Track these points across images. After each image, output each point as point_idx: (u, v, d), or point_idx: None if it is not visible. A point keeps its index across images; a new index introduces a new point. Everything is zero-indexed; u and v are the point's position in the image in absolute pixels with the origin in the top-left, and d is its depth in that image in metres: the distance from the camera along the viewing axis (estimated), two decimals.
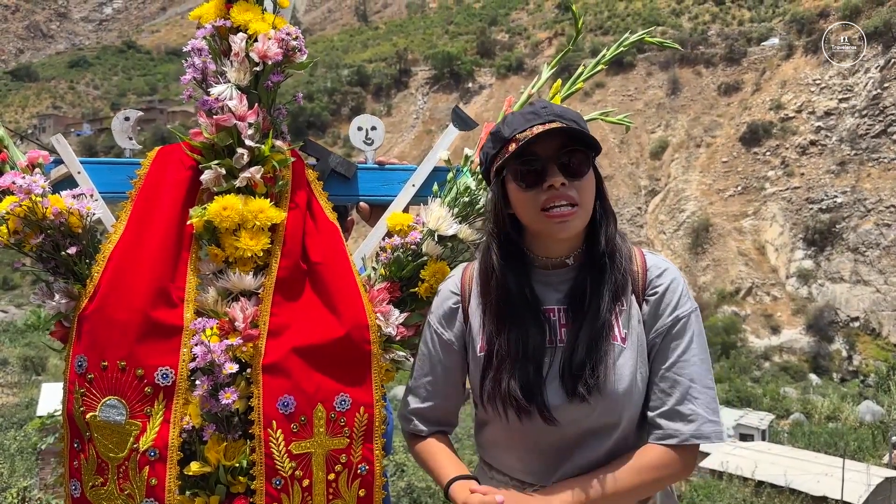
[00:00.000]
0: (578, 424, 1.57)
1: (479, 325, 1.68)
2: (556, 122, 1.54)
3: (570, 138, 1.54)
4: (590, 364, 1.53)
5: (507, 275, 1.62)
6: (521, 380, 1.56)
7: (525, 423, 1.57)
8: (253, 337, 1.74)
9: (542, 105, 1.60)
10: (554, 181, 1.53)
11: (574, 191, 1.55)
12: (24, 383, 21.91)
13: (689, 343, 1.59)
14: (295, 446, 1.73)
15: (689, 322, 1.60)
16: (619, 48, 2.08)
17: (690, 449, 1.58)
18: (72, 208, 1.76)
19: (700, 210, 68.06)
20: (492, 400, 1.60)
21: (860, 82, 69.05)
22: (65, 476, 1.79)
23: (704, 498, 9.71)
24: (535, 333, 1.59)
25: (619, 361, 1.57)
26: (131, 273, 1.74)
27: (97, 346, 1.72)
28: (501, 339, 1.60)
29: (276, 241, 1.80)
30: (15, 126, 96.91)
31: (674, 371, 1.58)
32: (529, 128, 1.54)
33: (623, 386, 1.55)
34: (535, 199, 1.56)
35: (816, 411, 29.88)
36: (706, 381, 1.58)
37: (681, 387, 1.57)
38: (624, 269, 1.61)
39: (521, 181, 1.57)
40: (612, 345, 1.57)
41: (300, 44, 1.83)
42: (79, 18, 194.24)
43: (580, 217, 1.57)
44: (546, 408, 1.55)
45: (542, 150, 1.55)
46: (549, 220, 1.55)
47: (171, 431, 1.70)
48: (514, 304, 1.61)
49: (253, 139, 1.79)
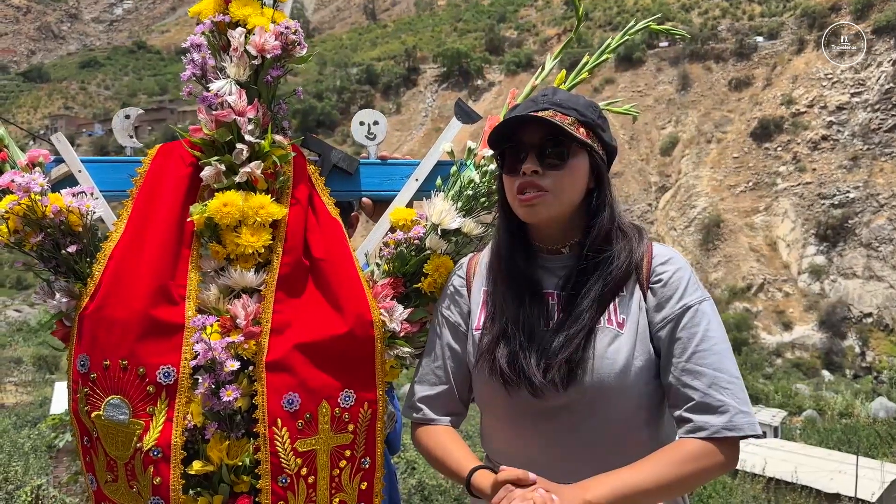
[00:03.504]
0: (566, 407, 1.55)
1: (478, 302, 1.71)
2: (549, 111, 1.56)
3: (555, 128, 1.55)
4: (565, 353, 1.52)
5: (510, 257, 1.66)
6: (510, 353, 1.57)
7: (513, 396, 1.57)
8: (254, 334, 1.73)
9: (545, 93, 1.63)
10: (526, 168, 1.57)
11: (549, 180, 1.57)
12: (37, 382, 22.11)
13: (705, 332, 1.53)
14: (300, 444, 1.71)
15: (700, 310, 1.55)
16: (624, 36, 2.06)
17: (729, 442, 1.49)
18: (71, 206, 1.75)
19: (711, 206, 67.83)
20: (482, 368, 1.62)
21: (872, 76, 68.59)
22: (82, 470, 1.80)
23: (715, 495, 9.65)
24: (530, 313, 1.60)
25: (612, 346, 1.54)
26: (132, 271, 1.73)
27: (99, 345, 1.71)
28: (499, 314, 1.63)
29: (278, 237, 1.78)
30: (27, 127, 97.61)
31: (693, 362, 1.51)
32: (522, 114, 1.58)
33: (615, 370, 1.52)
34: (513, 185, 1.60)
35: (829, 408, 29.70)
36: (732, 371, 1.51)
37: (705, 378, 1.49)
38: (624, 259, 1.59)
39: (503, 165, 1.64)
40: (606, 329, 1.55)
41: (299, 37, 1.81)
42: (90, 19, 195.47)
43: (548, 204, 1.58)
44: (530, 380, 1.54)
45: (527, 138, 1.59)
46: (519, 204, 1.60)
47: (174, 430, 1.69)
48: (516, 285, 1.64)
49: (253, 134, 1.77)
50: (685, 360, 1.52)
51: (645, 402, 1.58)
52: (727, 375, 1.50)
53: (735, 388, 1.50)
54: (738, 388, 1.50)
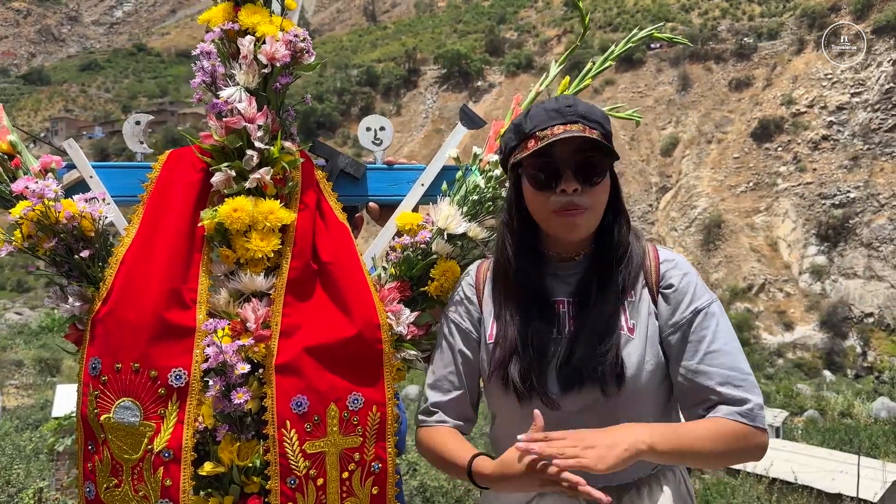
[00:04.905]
0: (581, 415, 1.55)
1: (489, 312, 1.70)
2: (579, 125, 1.52)
3: (590, 143, 1.53)
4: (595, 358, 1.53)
5: (520, 265, 1.64)
6: (523, 366, 1.57)
7: (525, 409, 1.57)
8: (265, 337, 1.75)
9: (566, 103, 1.56)
10: (567, 186, 1.53)
11: (586, 197, 1.54)
12: (39, 385, 22.09)
13: (715, 333, 1.55)
14: (309, 446, 1.73)
15: (709, 312, 1.57)
16: (627, 44, 2.07)
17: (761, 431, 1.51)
18: (84, 212, 1.78)
19: (712, 206, 67.75)
20: (496, 382, 1.62)
21: (872, 76, 68.52)
22: (79, 478, 1.80)
23: (718, 496, 9.67)
24: (541, 323, 1.60)
25: (625, 351, 1.56)
26: (144, 275, 1.75)
27: (111, 348, 1.73)
28: (510, 327, 1.62)
29: (287, 241, 1.81)
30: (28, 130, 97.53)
31: (705, 363, 1.54)
32: (551, 127, 1.53)
33: (629, 374, 1.54)
34: (547, 201, 1.56)
35: (830, 408, 29.63)
36: (744, 368, 1.55)
37: (718, 377, 1.52)
38: (634, 265, 1.61)
39: (535, 181, 1.57)
40: (619, 335, 1.56)
41: (308, 45, 1.83)
42: (90, 22, 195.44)
43: (589, 220, 1.57)
44: (545, 393, 1.55)
45: (559, 152, 1.53)
46: (559, 222, 1.56)
47: (184, 432, 1.71)
48: (525, 294, 1.63)
49: (262, 141, 1.80)
50: (697, 361, 1.55)
51: (655, 404, 1.61)
52: (739, 374, 1.53)
53: (748, 385, 1.53)
54: (750, 385, 1.54)
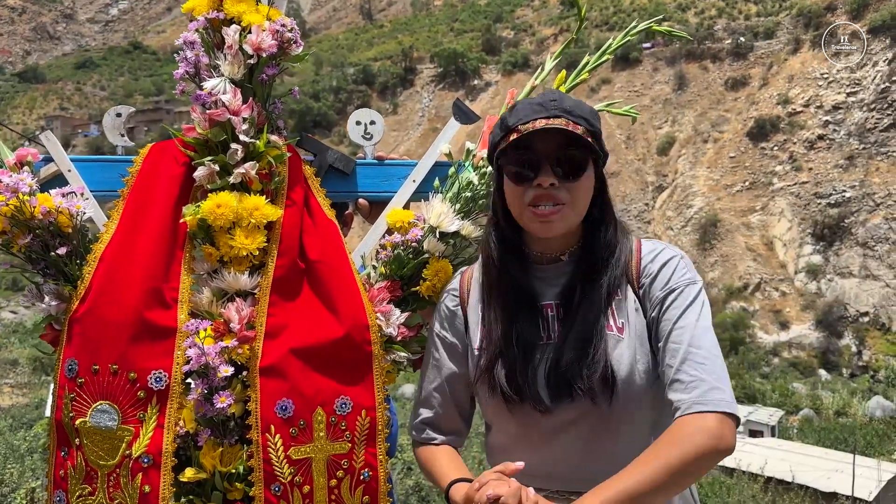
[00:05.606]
0: (576, 423, 1.51)
1: (476, 321, 1.65)
2: (562, 119, 1.48)
3: (571, 138, 1.49)
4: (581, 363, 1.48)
5: (506, 268, 1.60)
6: (509, 371, 1.53)
7: (516, 415, 1.53)
8: (248, 339, 1.69)
9: (551, 97, 1.53)
10: (543, 180, 1.49)
11: (564, 192, 1.50)
12: (33, 384, 22.01)
13: (685, 310, 1.47)
14: (294, 451, 1.68)
15: (684, 292, 1.50)
16: (626, 37, 2.02)
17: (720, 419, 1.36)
18: (61, 207, 1.72)
19: (707, 206, 67.93)
20: (482, 386, 1.58)
21: (868, 76, 68.77)
22: (49, 487, 1.73)
23: (713, 495, 9.65)
24: (526, 325, 1.56)
25: (615, 352, 1.51)
26: (124, 273, 1.69)
27: (88, 349, 1.67)
28: (495, 329, 1.58)
29: (273, 239, 1.75)
30: (23, 128, 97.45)
31: (671, 340, 1.45)
32: (533, 120, 1.49)
33: (621, 377, 1.49)
34: (524, 195, 1.52)
35: (826, 407, 29.71)
36: (709, 347, 1.43)
37: (679, 353, 1.43)
38: (622, 265, 1.56)
39: (514, 175, 1.54)
40: (608, 336, 1.51)
41: (296, 35, 1.78)
42: (85, 20, 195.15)
43: (566, 218, 1.52)
44: (534, 398, 1.50)
45: (540, 146, 1.50)
46: (533, 217, 1.52)
47: (165, 437, 1.65)
48: (511, 296, 1.58)
49: (247, 134, 1.74)
50: (664, 340, 1.48)
51: (651, 407, 1.55)
52: (703, 351, 1.43)
53: (711, 365, 1.42)
54: (714, 365, 1.42)
